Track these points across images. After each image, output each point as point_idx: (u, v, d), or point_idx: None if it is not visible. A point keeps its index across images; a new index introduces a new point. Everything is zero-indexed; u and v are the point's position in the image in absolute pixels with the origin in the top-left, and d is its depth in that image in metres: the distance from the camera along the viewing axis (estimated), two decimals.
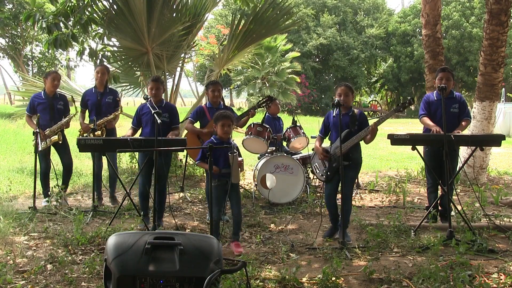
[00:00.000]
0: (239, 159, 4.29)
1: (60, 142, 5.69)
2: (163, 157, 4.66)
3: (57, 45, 6.70)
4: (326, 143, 4.74)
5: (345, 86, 4.47)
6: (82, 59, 20.85)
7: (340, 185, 4.42)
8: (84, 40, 9.26)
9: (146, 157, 4.78)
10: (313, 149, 4.91)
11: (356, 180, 7.14)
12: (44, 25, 6.47)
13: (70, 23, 6.92)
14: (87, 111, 5.91)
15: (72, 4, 6.72)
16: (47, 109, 5.68)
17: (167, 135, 4.74)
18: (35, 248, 4.11)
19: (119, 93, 6.19)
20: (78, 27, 6.85)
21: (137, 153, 5.34)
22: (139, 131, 5.08)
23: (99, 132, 5.61)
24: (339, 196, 4.64)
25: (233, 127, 4.30)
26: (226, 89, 32.01)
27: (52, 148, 5.83)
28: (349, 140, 4.37)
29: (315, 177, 6.12)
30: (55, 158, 5.98)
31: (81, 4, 6.72)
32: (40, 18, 6.48)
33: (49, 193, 5.69)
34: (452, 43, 27.72)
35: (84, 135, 5.58)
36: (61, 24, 6.65)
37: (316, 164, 4.72)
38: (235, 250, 4.09)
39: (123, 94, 8.54)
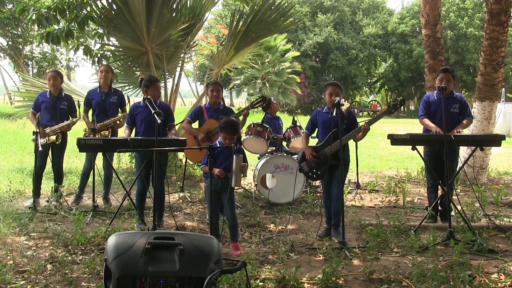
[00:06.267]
0: (243, 163, 3.94)
1: (57, 143, 5.60)
2: (161, 156, 4.66)
3: (49, 39, 6.65)
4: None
5: (335, 86, 4.53)
6: (82, 59, 20.88)
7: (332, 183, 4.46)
8: (81, 37, 9.17)
9: (145, 157, 4.77)
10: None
11: (356, 180, 7.15)
12: (34, 17, 6.36)
13: (66, 19, 6.87)
14: (90, 110, 5.89)
15: (69, 0, 6.67)
16: (49, 108, 5.66)
17: (165, 135, 4.73)
18: (35, 248, 4.11)
19: (123, 94, 6.13)
20: (74, 24, 6.79)
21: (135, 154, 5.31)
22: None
23: (106, 133, 5.59)
24: None
25: (237, 136, 4.03)
26: (226, 89, 32.02)
27: None
28: (338, 140, 4.34)
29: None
30: None
31: (79, 1, 6.66)
32: (34, 12, 6.37)
33: (41, 192, 5.63)
34: (449, 43, 27.77)
35: (85, 134, 5.57)
36: (54, 19, 6.54)
37: (304, 163, 4.71)
38: (233, 253, 4.05)
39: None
